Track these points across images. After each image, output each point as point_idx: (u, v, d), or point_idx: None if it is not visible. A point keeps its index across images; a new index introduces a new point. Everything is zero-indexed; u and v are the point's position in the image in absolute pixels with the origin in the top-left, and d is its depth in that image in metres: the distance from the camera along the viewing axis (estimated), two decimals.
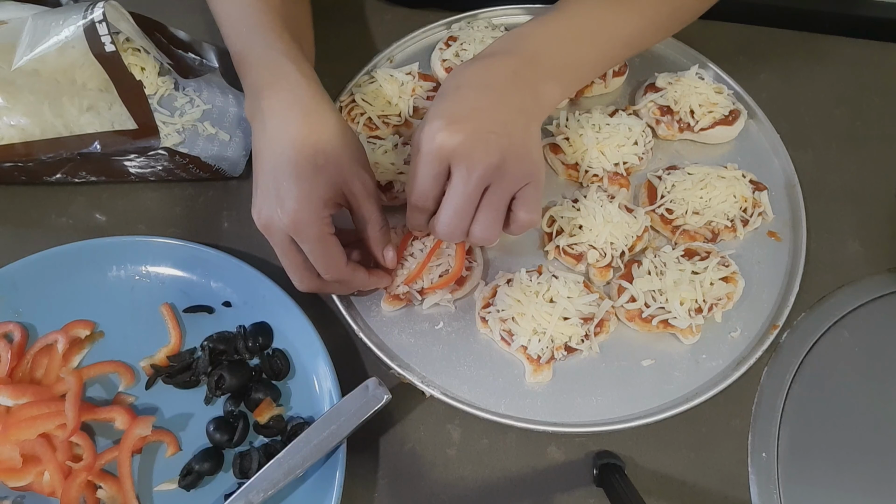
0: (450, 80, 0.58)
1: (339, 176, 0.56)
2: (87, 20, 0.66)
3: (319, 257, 0.57)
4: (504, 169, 0.54)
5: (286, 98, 0.57)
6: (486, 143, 0.53)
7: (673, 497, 0.59)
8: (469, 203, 0.54)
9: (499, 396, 0.62)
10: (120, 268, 0.67)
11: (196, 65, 0.75)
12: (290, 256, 0.58)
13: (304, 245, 0.57)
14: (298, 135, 0.56)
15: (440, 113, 0.54)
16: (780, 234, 0.71)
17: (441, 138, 0.53)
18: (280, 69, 0.59)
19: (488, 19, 0.85)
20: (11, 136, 0.68)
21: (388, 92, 0.76)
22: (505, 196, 0.55)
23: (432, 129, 0.53)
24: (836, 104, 0.81)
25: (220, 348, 0.63)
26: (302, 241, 0.56)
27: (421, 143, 0.54)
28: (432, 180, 0.55)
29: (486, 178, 0.54)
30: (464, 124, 0.53)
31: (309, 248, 0.57)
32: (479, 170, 0.53)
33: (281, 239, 0.57)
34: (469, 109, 0.54)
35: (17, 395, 0.59)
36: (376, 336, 0.65)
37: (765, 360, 0.64)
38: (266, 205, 0.56)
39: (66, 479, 0.57)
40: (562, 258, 0.68)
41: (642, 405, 0.62)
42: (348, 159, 0.57)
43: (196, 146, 0.73)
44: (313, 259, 0.57)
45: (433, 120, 0.54)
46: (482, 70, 0.58)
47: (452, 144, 0.52)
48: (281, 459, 0.55)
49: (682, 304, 0.64)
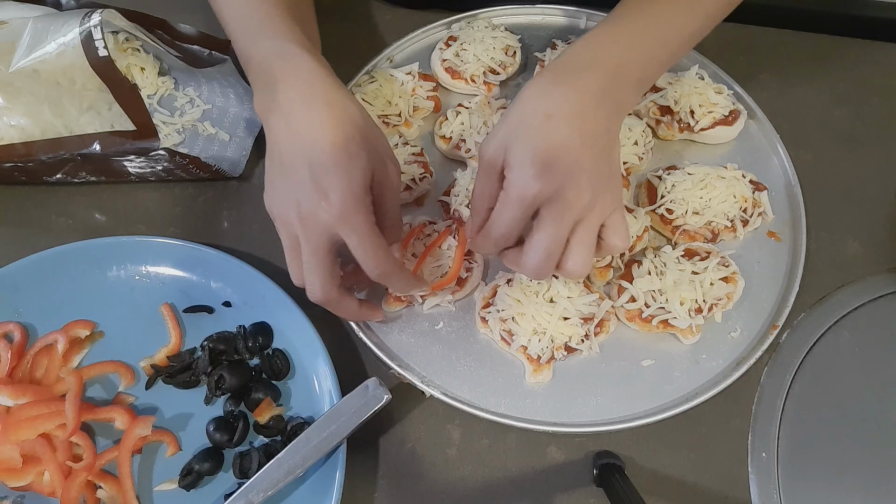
0: (536, 103, 0.54)
1: (371, 162, 0.54)
2: (84, 27, 0.66)
3: (370, 248, 0.53)
4: (594, 204, 0.53)
5: (305, 89, 0.55)
6: (578, 185, 0.51)
7: (673, 497, 0.59)
8: (561, 243, 0.53)
9: (499, 396, 0.62)
10: (120, 268, 0.67)
11: (206, 56, 0.74)
12: (321, 256, 0.54)
13: (354, 237, 0.53)
14: (327, 125, 0.53)
15: (532, 154, 0.51)
16: (780, 234, 0.71)
17: (536, 187, 0.51)
18: (294, 60, 0.57)
19: (488, 19, 0.85)
20: (11, 136, 0.68)
21: (388, 92, 0.76)
22: (596, 229, 0.54)
23: (525, 174, 0.51)
24: (836, 104, 0.81)
25: (220, 348, 0.63)
26: (352, 233, 0.52)
27: (511, 186, 0.52)
28: (520, 223, 0.54)
29: (578, 218, 0.53)
30: (558, 169, 0.51)
31: (358, 239, 0.53)
32: (573, 212, 0.52)
33: (319, 236, 0.53)
34: (562, 147, 0.51)
35: (17, 395, 0.59)
36: (376, 336, 0.65)
37: (765, 360, 0.64)
38: (304, 199, 0.53)
39: (66, 479, 0.57)
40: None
41: (642, 405, 0.62)
42: (377, 144, 0.56)
43: (196, 146, 0.73)
44: (364, 253, 0.53)
45: (524, 163, 0.51)
46: (572, 94, 0.54)
47: (547, 192, 0.51)
48: (281, 459, 0.55)
49: (682, 304, 0.64)
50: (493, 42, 0.79)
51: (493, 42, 0.79)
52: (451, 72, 0.79)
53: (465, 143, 0.74)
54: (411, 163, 0.71)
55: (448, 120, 0.76)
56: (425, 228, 0.67)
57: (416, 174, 0.71)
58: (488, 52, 0.79)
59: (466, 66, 0.78)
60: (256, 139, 0.75)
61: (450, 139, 0.75)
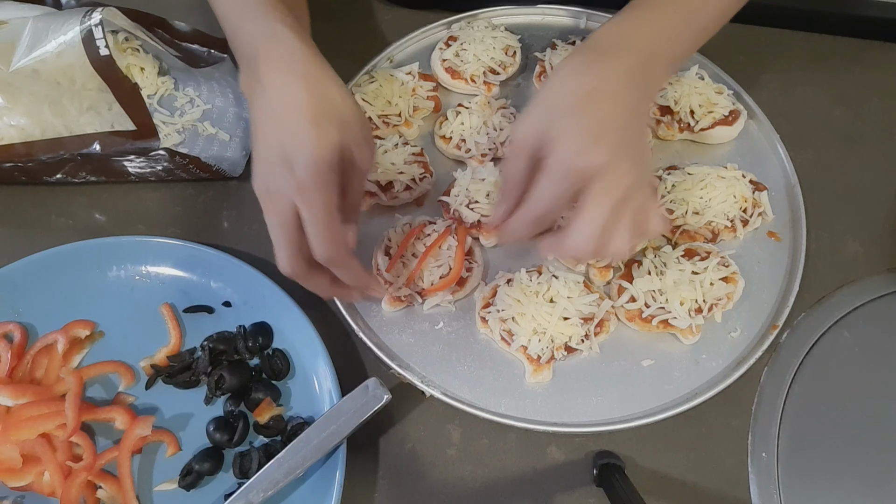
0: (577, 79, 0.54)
1: (342, 139, 0.54)
2: (84, 26, 0.66)
3: (321, 227, 0.53)
4: (638, 183, 0.53)
5: (285, 65, 0.55)
6: (623, 162, 0.51)
7: (673, 497, 0.59)
8: (615, 219, 0.52)
9: (499, 396, 0.62)
10: (120, 268, 0.67)
11: (205, 55, 0.74)
12: (287, 229, 0.54)
13: (308, 212, 0.52)
14: (302, 99, 0.53)
15: (581, 128, 0.51)
16: (779, 234, 0.71)
17: (585, 161, 0.50)
18: (276, 36, 0.56)
19: (488, 19, 0.85)
20: (11, 136, 0.68)
21: (388, 92, 0.76)
22: (639, 209, 0.54)
23: (575, 147, 0.51)
24: (836, 104, 0.81)
25: (220, 348, 0.63)
26: (306, 207, 0.52)
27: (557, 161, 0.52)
28: (563, 201, 0.53)
29: (623, 196, 0.52)
30: (606, 144, 0.51)
31: (311, 214, 0.52)
32: (619, 189, 0.51)
33: (282, 207, 0.53)
34: (608, 122, 0.52)
35: (17, 395, 0.59)
36: (376, 336, 0.65)
37: (765, 360, 0.64)
38: (271, 172, 0.53)
39: (66, 479, 0.57)
40: (562, 258, 0.68)
41: (642, 405, 0.62)
42: (352, 124, 0.55)
43: (196, 146, 0.73)
44: (313, 230, 0.53)
45: (574, 136, 0.51)
46: (609, 72, 0.54)
47: (596, 166, 0.50)
48: (281, 459, 0.55)
49: (682, 304, 0.64)
50: (493, 42, 0.79)
51: (493, 42, 0.79)
52: (451, 72, 0.79)
53: (465, 143, 0.74)
54: (411, 163, 0.71)
55: (448, 120, 0.76)
56: (425, 228, 0.67)
57: (416, 174, 0.71)
58: (488, 52, 0.79)
59: (466, 66, 0.78)
60: None
61: (450, 139, 0.75)
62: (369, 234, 0.69)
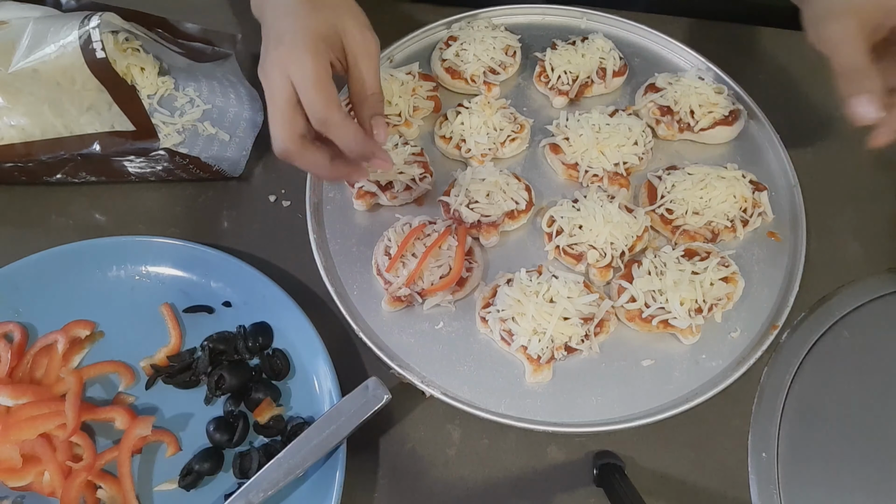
0: None
1: (335, 18, 0.58)
2: (83, 30, 0.66)
3: (312, 91, 0.54)
4: None
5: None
6: None
7: (673, 497, 0.59)
8: None
9: (499, 396, 0.62)
10: (120, 268, 0.67)
11: (209, 51, 0.74)
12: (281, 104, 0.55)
13: (299, 81, 0.55)
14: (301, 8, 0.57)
15: None
16: (780, 234, 0.71)
17: None
18: None
19: (488, 19, 0.84)
20: (11, 136, 0.68)
21: (388, 92, 0.76)
22: None
23: None
24: (836, 104, 0.80)
25: (220, 348, 0.63)
26: (297, 77, 0.54)
27: None
28: None
29: None
30: None
31: (302, 81, 0.54)
32: None
33: (277, 80, 0.55)
34: None
35: (17, 395, 0.59)
36: (376, 336, 0.65)
37: (765, 360, 0.64)
38: (269, 53, 0.57)
39: (66, 479, 0.57)
40: (562, 258, 0.68)
41: (642, 405, 0.62)
42: (347, 9, 0.59)
43: (196, 146, 0.73)
44: (306, 96, 0.55)
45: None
46: None
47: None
48: (281, 459, 0.55)
49: (682, 304, 0.63)
50: (493, 42, 0.79)
51: (493, 42, 0.79)
52: (451, 72, 0.79)
53: (465, 143, 0.74)
54: (411, 163, 0.71)
55: (448, 120, 0.76)
56: (425, 228, 0.67)
57: (416, 174, 0.71)
58: (488, 52, 0.79)
59: (466, 66, 0.78)
60: (256, 139, 0.75)
61: (450, 139, 0.75)
62: (369, 234, 0.69)
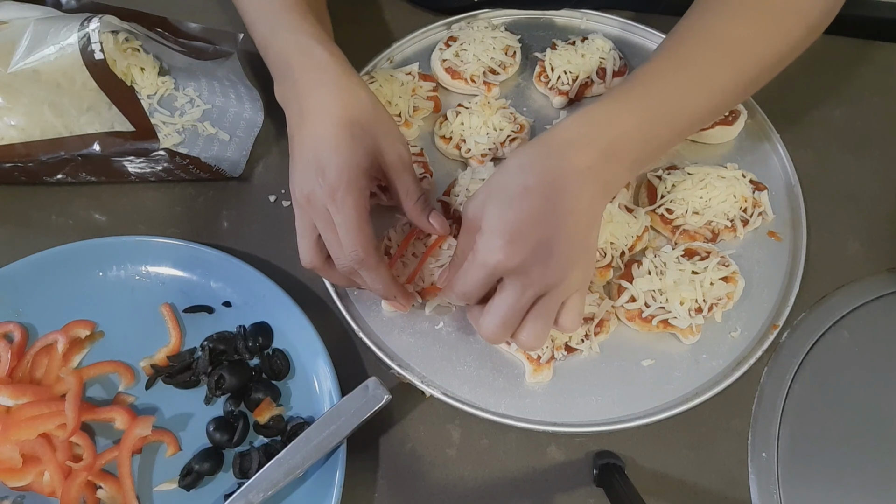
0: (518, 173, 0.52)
1: (374, 146, 0.57)
2: (83, 31, 0.66)
3: (353, 233, 0.55)
4: (560, 282, 0.52)
5: (318, 78, 0.58)
6: (545, 262, 0.51)
7: (673, 497, 0.59)
8: (518, 315, 0.53)
9: (499, 396, 0.62)
10: (120, 268, 0.67)
11: (210, 50, 0.74)
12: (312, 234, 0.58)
13: (339, 215, 0.55)
14: (334, 109, 0.56)
15: (502, 226, 0.51)
16: (780, 234, 0.71)
17: (499, 258, 0.50)
18: (310, 51, 0.60)
19: (488, 19, 0.85)
20: (11, 136, 0.68)
21: (388, 92, 0.76)
22: (556, 306, 0.53)
23: (492, 243, 0.50)
24: (836, 104, 0.81)
25: (220, 348, 0.63)
26: (338, 211, 0.55)
27: (477, 250, 0.52)
28: (482, 287, 0.54)
29: (539, 293, 0.52)
30: (524, 243, 0.50)
31: (343, 217, 0.55)
32: (534, 287, 0.51)
33: (319, 212, 0.56)
34: (534, 224, 0.50)
35: (17, 395, 0.59)
36: (376, 336, 0.65)
37: (765, 360, 0.64)
38: (307, 179, 0.56)
39: (66, 479, 0.57)
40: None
41: (642, 405, 0.62)
42: (383, 130, 0.58)
43: (196, 146, 0.73)
44: (345, 237, 0.55)
45: (494, 231, 0.51)
46: (555, 170, 0.52)
47: (511, 265, 0.50)
48: (281, 459, 0.55)
49: (682, 304, 0.64)
50: (493, 42, 0.79)
51: (493, 42, 0.79)
52: (451, 72, 0.79)
53: (465, 144, 0.74)
54: None
55: (448, 120, 0.76)
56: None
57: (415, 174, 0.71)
58: (488, 52, 0.79)
59: (466, 66, 0.78)
60: (256, 139, 0.75)
61: (450, 139, 0.75)
62: None
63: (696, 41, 0.60)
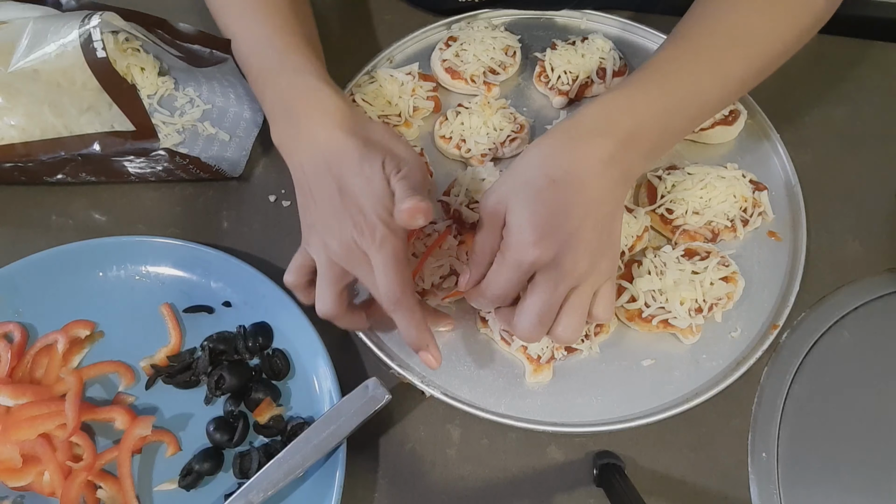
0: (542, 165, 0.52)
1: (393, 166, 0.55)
2: (83, 28, 0.66)
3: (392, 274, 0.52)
4: (591, 272, 0.52)
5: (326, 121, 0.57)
6: (576, 253, 0.50)
7: (673, 497, 0.59)
8: (554, 309, 0.52)
9: (499, 396, 0.62)
10: (120, 268, 0.67)
11: (207, 55, 0.74)
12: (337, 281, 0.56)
13: (378, 263, 0.52)
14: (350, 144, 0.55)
15: (533, 220, 0.50)
16: (780, 234, 0.71)
17: (536, 254, 0.50)
18: (314, 93, 0.59)
19: (488, 19, 0.85)
20: (11, 136, 0.68)
21: (388, 92, 0.76)
22: (590, 296, 0.54)
23: (524, 240, 0.50)
24: (836, 104, 0.81)
25: (220, 348, 0.63)
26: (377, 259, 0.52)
27: (508, 249, 0.51)
28: (516, 287, 0.53)
29: (573, 285, 0.52)
30: (557, 236, 0.50)
31: (383, 263, 0.52)
32: (567, 280, 0.51)
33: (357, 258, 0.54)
34: (562, 214, 0.50)
35: (17, 395, 0.59)
36: (376, 336, 0.65)
37: (765, 360, 0.64)
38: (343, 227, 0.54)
39: (66, 479, 0.57)
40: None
41: (642, 405, 0.62)
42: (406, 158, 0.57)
43: (196, 146, 0.73)
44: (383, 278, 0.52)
45: (524, 228, 0.50)
46: (578, 160, 0.52)
47: (545, 259, 0.50)
48: (281, 459, 0.55)
49: (683, 304, 0.64)
50: (493, 42, 0.79)
51: (493, 42, 0.79)
52: (451, 72, 0.79)
53: (465, 143, 0.74)
54: None
55: (448, 120, 0.76)
56: (425, 228, 0.67)
57: None
58: (488, 52, 0.79)
59: (466, 66, 0.78)
60: (256, 139, 0.75)
61: (450, 139, 0.75)
62: None
63: (709, 31, 0.60)
